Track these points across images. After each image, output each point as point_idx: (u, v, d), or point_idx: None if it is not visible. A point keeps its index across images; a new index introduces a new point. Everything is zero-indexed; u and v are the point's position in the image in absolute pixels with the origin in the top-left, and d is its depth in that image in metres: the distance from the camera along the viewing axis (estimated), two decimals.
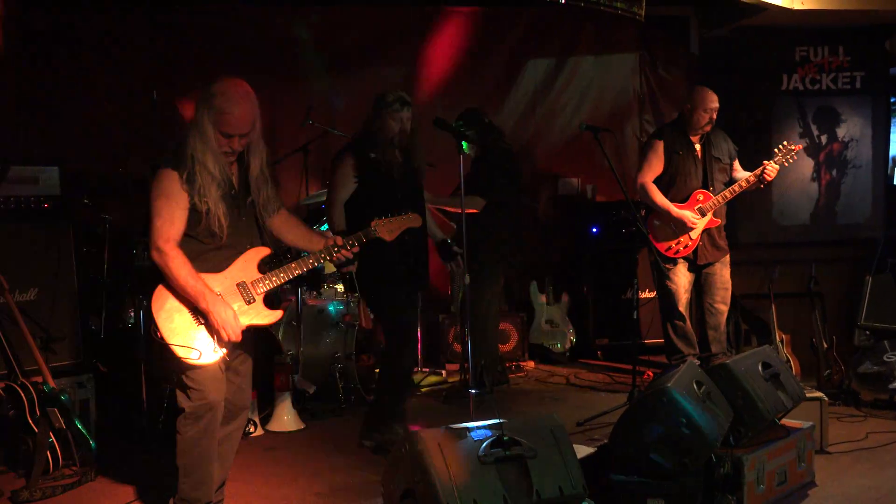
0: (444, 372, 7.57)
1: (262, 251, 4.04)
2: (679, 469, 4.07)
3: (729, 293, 6.68)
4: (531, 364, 7.89)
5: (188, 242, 3.88)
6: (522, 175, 7.11)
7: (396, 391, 5.50)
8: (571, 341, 8.04)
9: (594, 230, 8.09)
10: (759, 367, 4.71)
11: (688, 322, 6.65)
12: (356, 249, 4.24)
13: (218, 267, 3.93)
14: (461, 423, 3.94)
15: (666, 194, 6.49)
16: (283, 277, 4.03)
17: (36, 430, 4.76)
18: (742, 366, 4.62)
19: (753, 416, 4.44)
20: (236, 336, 3.85)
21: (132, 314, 6.20)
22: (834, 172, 8.39)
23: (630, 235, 6.44)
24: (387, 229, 4.33)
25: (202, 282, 3.81)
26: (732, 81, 8.36)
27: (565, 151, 8.74)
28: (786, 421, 4.80)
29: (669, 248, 6.52)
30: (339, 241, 4.20)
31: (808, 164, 8.33)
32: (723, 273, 6.64)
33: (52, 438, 4.80)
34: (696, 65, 8.69)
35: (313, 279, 6.58)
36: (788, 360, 6.68)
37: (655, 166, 6.54)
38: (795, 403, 4.85)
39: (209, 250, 3.92)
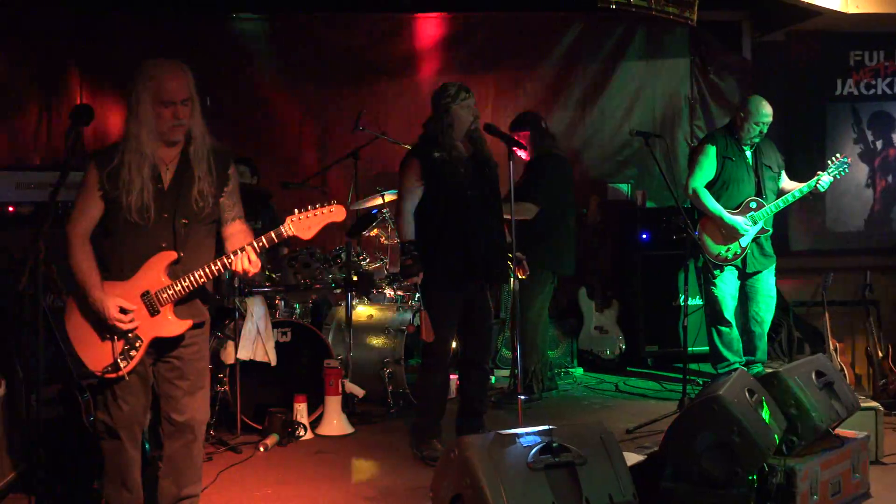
0: (493, 377, 7.55)
1: (169, 256, 3.80)
2: (731, 478, 4.04)
3: (774, 301, 6.64)
4: (580, 370, 7.86)
5: (106, 238, 3.82)
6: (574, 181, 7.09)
7: (422, 407, 5.47)
8: (621, 348, 7.99)
9: (644, 236, 8.03)
10: (813, 376, 4.65)
11: (734, 329, 6.60)
12: (261, 249, 3.82)
13: (126, 274, 3.79)
14: (510, 429, 3.94)
15: (718, 200, 6.44)
16: (188, 286, 3.80)
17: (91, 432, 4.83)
18: (795, 374, 4.57)
19: (806, 425, 4.38)
20: (125, 331, 3.77)
21: None
22: (890, 178, 8.27)
23: (680, 242, 6.39)
24: (303, 226, 3.84)
25: (95, 276, 3.74)
26: (785, 87, 8.30)
27: (615, 157, 8.71)
28: (840, 431, 4.73)
29: (719, 255, 6.47)
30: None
31: (862, 170, 8.22)
32: (768, 281, 6.59)
33: None
34: (748, 70, 8.61)
35: (363, 284, 6.60)
36: (842, 369, 6.58)
37: (708, 171, 6.49)
38: (850, 413, 4.78)
39: (123, 247, 3.80)
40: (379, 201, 6.94)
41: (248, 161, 7.12)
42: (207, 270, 3.83)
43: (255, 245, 3.83)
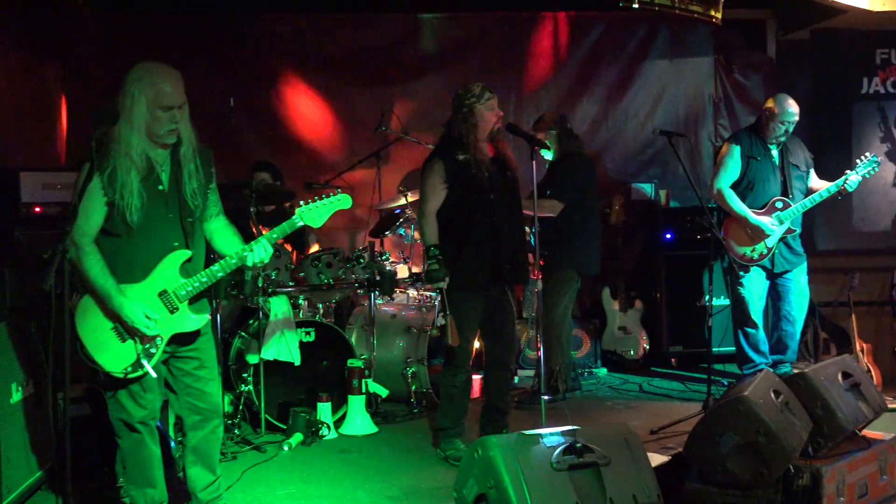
0: (516, 378, 7.54)
1: (183, 255, 3.91)
2: (756, 480, 4.01)
3: (806, 301, 6.56)
4: (604, 371, 7.84)
5: (108, 240, 3.82)
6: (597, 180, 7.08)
7: (445, 407, 5.44)
8: (645, 348, 7.97)
9: (667, 236, 8.00)
10: (839, 377, 4.62)
11: (761, 330, 6.55)
12: (273, 241, 4.00)
13: (138, 275, 3.84)
14: (534, 429, 3.93)
15: (744, 200, 6.40)
16: (206, 282, 3.91)
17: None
18: (821, 375, 4.53)
19: (833, 426, 4.35)
20: (150, 336, 3.82)
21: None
22: None
23: (704, 242, 6.35)
24: (312, 215, 4.06)
25: (112, 281, 3.76)
26: (810, 85, 8.24)
27: (638, 156, 8.69)
28: (867, 432, 4.69)
29: (744, 255, 6.42)
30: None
31: (889, 169, 8.14)
32: (800, 280, 6.52)
33: None
34: (773, 68, 8.56)
35: (386, 284, 6.60)
36: (869, 370, 6.53)
37: (732, 171, 6.44)
38: (877, 414, 4.74)
39: (129, 249, 3.83)
40: (402, 201, 6.95)
41: (269, 166, 7.10)
42: (225, 265, 3.94)
43: (270, 237, 3.98)
